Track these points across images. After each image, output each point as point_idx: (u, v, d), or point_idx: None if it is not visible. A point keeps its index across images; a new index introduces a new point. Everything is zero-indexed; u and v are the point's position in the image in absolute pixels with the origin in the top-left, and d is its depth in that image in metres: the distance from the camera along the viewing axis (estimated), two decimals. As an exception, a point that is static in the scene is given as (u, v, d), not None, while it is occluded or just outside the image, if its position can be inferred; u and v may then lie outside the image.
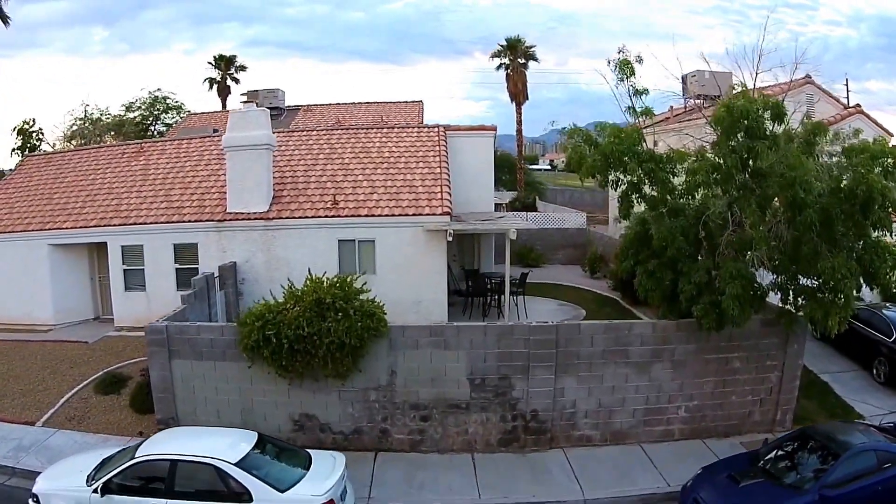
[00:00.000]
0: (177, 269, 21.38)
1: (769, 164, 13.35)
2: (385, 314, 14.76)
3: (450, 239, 19.95)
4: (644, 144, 15.24)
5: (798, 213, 13.07)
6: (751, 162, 14.09)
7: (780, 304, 14.92)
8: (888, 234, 13.83)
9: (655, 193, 15.30)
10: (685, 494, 12.40)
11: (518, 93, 44.73)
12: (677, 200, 15.23)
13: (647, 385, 15.31)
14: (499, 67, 45.20)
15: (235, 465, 11.21)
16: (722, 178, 14.17)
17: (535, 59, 45.57)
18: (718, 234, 14.33)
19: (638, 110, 15.56)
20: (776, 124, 14.24)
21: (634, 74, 15.39)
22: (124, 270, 21.88)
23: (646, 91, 15.50)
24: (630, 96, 15.57)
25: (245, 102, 22.19)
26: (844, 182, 13.24)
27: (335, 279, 14.81)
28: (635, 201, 15.70)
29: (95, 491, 11.32)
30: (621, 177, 15.41)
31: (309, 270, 15.05)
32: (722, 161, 14.02)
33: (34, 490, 11.93)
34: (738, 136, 14.05)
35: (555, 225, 35.18)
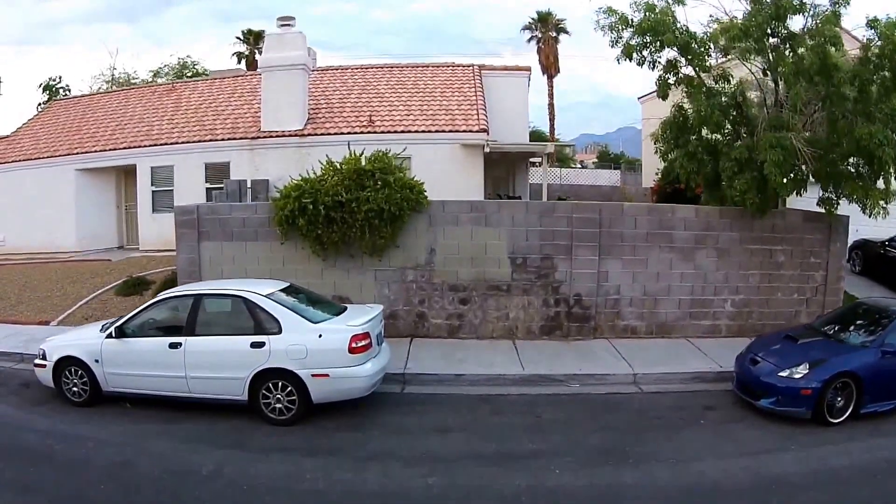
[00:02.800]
0: (207, 188, 21.05)
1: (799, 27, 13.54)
2: (425, 190, 14.25)
3: (487, 150, 19.47)
4: (679, 23, 14.78)
5: (830, 81, 12.81)
6: (781, 29, 13.96)
7: (821, 193, 14.60)
8: None
9: (692, 73, 14.83)
10: (740, 360, 11.69)
11: (550, 65, 44.47)
12: (713, 86, 14.82)
13: (692, 273, 14.66)
14: (530, 40, 45.04)
15: (265, 296, 10.48)
16: (755, 40, 13.80)
17: (566, 32, 45.48)
18: (755, 116, 14.30)
19: None
20: None
21: None
22: (153, 192, 21.67)
23: None
24: None
25: (282, 25, 21.79)
26: (873, 48, 13.09)
27: (373, 155, 14.29)
28: (672, 84, 15.17)
29: (109, 336, 10.61)
30: (658, 57, 14.92)
31: (349, 145, 14.57)
32: (753, 20, 13.69)
33: (41, 346, 11.35)
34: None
35: (588, 182, 34.75)
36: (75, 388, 10.78)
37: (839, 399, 10.23)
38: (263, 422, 10.06)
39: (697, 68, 14.64)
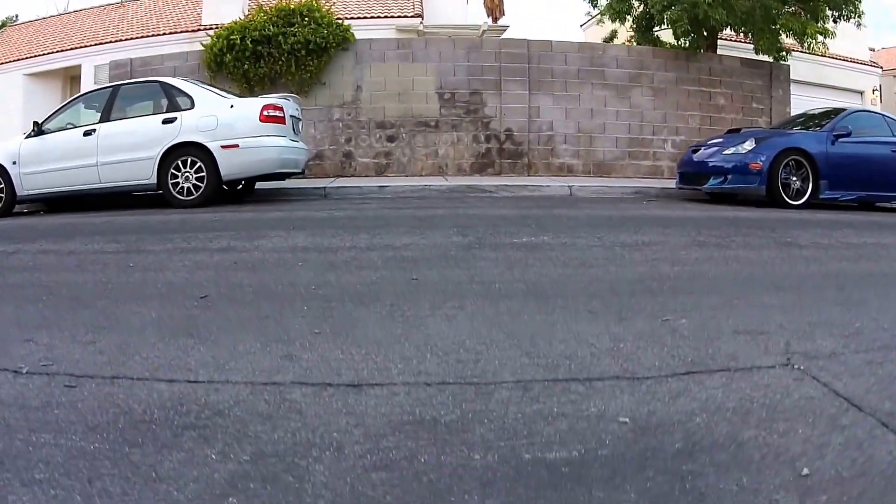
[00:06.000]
0: (149, 83, 19.86)
1: None
2: (351, 28, 13.30)
3: (421, 27, 18.47)
4: None
5: None
6: None
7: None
8: None
9: None
10: (681, 160, 10.83)
11: (494, 8, 43.43)
12: None
13: (627, 112, 13.71)
14: (476, -15, 44.04)
15: (182, 79, 9.75)
16: None
17: (512, -24, 44.65)
18: None
19: None
20: None
21: None
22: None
23: None
24: None
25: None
26: None
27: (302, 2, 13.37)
28: None
29: (29, 136, 9.54)
30: None
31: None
32: None
33: None
34: None
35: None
36: (-8, 197, 9.59)
37: (794, 179, 9.10)
38: (173, 207, 8.95)
39: None
